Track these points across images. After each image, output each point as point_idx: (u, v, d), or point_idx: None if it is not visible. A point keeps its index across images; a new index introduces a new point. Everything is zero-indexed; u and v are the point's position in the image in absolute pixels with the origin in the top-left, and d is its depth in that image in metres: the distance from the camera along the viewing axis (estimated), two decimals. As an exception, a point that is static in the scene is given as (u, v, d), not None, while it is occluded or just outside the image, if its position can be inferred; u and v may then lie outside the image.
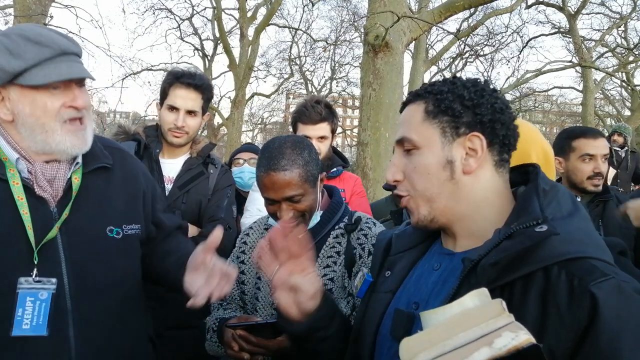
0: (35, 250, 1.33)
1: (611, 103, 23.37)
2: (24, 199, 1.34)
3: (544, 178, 1.02)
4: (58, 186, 1.41)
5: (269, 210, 1.63)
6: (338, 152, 2.85)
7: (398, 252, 1.19)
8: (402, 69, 5.99)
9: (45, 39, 1.32)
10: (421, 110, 1.05)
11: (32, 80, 1.29)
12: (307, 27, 20.99)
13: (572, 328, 0.81)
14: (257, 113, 27.00)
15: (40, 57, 1.30)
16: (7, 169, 1.35)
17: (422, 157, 1.03)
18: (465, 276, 0.94)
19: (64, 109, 1.36)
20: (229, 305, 1.78)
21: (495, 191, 1.03)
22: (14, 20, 6.84)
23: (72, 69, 1.35)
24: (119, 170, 1.56)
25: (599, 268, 0.85)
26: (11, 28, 1.37)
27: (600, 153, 2.42)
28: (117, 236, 1.48)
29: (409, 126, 1.06)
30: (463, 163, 1.01)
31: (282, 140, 1.62)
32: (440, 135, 1.02)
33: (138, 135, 2.42)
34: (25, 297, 1.31)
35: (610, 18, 18.25)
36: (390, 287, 1.14)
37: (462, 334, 0.74)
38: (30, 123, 1.34)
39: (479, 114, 1.01)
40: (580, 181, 2.44)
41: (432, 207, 1.04)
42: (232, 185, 2.51)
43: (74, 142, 1.39)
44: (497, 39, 19.22)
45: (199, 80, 2.37)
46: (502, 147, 1.03)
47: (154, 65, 17.84)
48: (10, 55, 1.28)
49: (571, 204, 0.98)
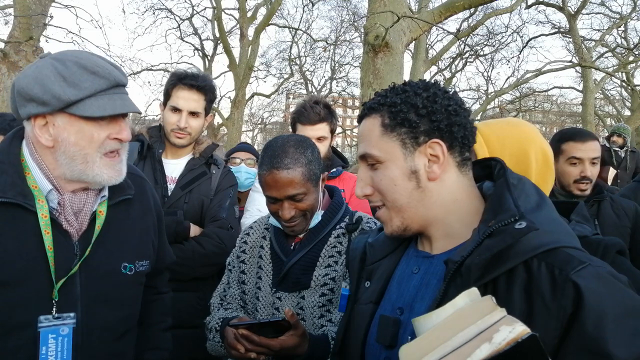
0: (56, 287, 1.32)
1: (611, 103, 23.37)
2: (50, 234, 1.31)
3: (511, 172, 1.05)
4: (83, 219, 1.38)
5: (271, 209, 1.64)
6: (338, 153, 2.86)
7: (374, 261, 1.20)
8: (402, 69, 5.99)
9: (101, 70, 1.29)
10: (378, 125, 1.07)
11: (86, 111, 1.26)
12: (307, 27, 21.01)
13: (558, 317, 0.85)
14: (257, 113, 27.02)
15: (96, 88, 1.28)
16: (36, 199, 1.31)
17: (387, 171, 1.05)
18: (451, 278, 0.95)
19: (108, 141, 1.34)
20: (230, 305, 1.79)
21: (463, 191, 1.06)
22: (14, 20, 6.85)
23: (125, 103, 1.33)
24: (137, 202, 1.54)
25: (575, 257, 0.89)
26: (65, 53, 1.33)
27: (588, 157, 2.39)
28: (130, 272, 1.47)
29: (369, 142, 1.08)
30: (427, 170, 1.04)
31: (285, 139, 1.62)
32: (400, 148, 1.04)
33: (142, 135, 2.44)
34: (47, 335, 1.31)
35: (610, 18, 18.26)
36: (371, 297, 1.16)
37: (460, 334, 0.76)
38: (72, 152, 1.30)
39: (435, 120, 1.03)
40: (567, 184, 2.42)
41: (403, 217, 1.06)
42: (235, 185, 2.52)
43: (111, 174, 1.36)
44: (497, 39, 19.25)
45: (201, 81, 2.38)
46: (463, 147, 1.06)
47: (154, 65, 17.89)
48: (65, 82, 1.25)
49: (537, 195, 1.01)
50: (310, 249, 1.66)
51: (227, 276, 1.85)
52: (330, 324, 1.60)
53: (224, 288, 1.84)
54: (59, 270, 1.32)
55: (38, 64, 1.30)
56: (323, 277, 1.63)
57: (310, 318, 1.61)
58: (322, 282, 1.62)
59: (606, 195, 2.49)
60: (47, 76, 1.25)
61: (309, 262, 1.65)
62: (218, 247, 2.27)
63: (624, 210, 2.45)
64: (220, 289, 1.85)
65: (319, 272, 1.63)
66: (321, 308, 1.61)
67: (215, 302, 1.83)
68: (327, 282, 1.62)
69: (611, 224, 2.39)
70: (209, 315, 1.80)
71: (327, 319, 1.61)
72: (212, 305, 1.83)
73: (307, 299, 1.63)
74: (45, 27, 7.33)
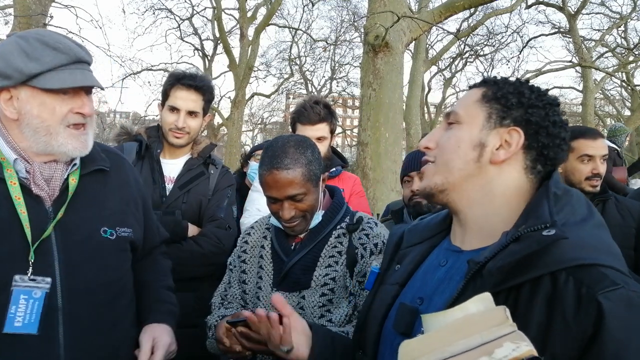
0: (32, 248, 1.34)
1: (611, 103, 23.39)
2: (22, 199, 1.36)
3: (557, 182, 1.01)
4: (55, 185, 1.43)
5: (271, 209, 1.63)
6: (337, 152, 2.85)
7: (408, 245, 1.19)
8: (402, 69, 5.99)
9: (62, 46, 1.36)
10: (480, 93, 1.07)
11: (46, 83, 1.33)
12: (307, 27, 21.02)
13: (577, 337, 0.80)
14: (257, 113, 27.06)
15: (57, 62, 1.34)
16: (4, 169, 1.37)
17: (459, 132, 1.04)
18: (471, 278, 0.93)
19: (71, 114, 1.40)
20: (230, 305, 1.79)
21: (515, 192, 1.02)
22: (14, 20, 6.84)
23: (86, 77, 1.39)
24: (115, 174, 1.59)
25: (609, 277, 0.83)
26: (28, 32, 1.40)
27: (599, 154, 2.42)
28: (111, 237, 1.50)
29: (461, 103, 1.09)
30: (493, 152, 1.01)
31: (285, 139, 1.62)
32: (484, 118, 1.03)
33: (140, 135, 2.44)
34: (19, 295, 1.32)
35: (610, 18, 18.27)
36: (397, 279, 1.14)
37: (462, 341, 0.73)
38: (36, 124, 1.37)
39: (530, 113, 1.01)
40: (579, 182, 2.43)
41: (447, 178, 1.04)
42: (233, 185, 2.51)
43: (75, 145, 1.42)
44: (497, 39, 19.27)
45: (200, 81, 2.38)
46: (539, 156, 1.02)
47: (154, 65, 17.92)
48: (27, 57, 1.32)
49: (586, 209, 0.97)
50: (311, 249, 1.66)
51: (227, 276, 1.85)
52: (330, 324, 1.59)
53: (224, 287, 1.84)
54: (35, 232, 1.36)
55: (3, 42, 1.39)
56: (323, 277, 1.62)
57: (310, 318, 1.60)
58: (323, 282, 1.62)
59: (611, 195, 2.48)
60: (11, 52, 1.33)
61: (309, 262, 1.65)
62: (216, 247, 2.27)
63: (629, 211, 2.44)
64: (221, 289, 1.85)
65: (319, 272, 1.63)
66: (321, 308, 1.61)
67: (216, 302, 1.83)
68: (327, 282, 1.62)
69: (615, 225, 2.37)
70: (208, 314, 1.80)
71: (327, 319, 1.60)
72: (213, 304, 1.83)
73: (307, 299, 1.62)
74: (45, 27, 7.31)
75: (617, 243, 1.05)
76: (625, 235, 2.33)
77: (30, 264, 1.34)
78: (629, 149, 16.65)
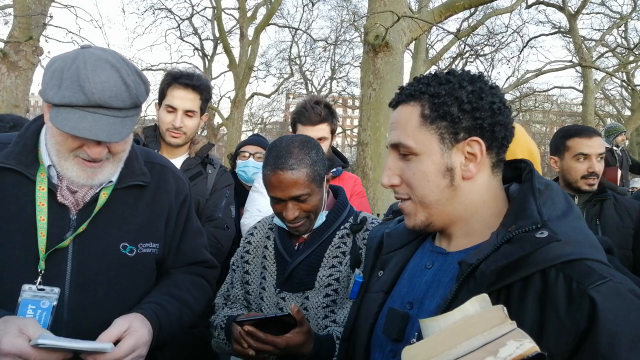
0: (42, 258, 1.32)
1: (611, 103, 23.37)
2: (45, 206, 1.34)
3: (539, 177, 1.01)
4: (84, 196, 1.39)
5: (275, 209, 1.63)
6: (338, 152, 2.85)
7: (389, 251, 1.18)
8: (402, 69, 5.99)
9: (89, 85, 1.24)
10: (417, 114, 1.01)
11: (53, 118, 1.27)
12: (307, 27, 21.05)
13: (571, 331, 0.81)
14: (257, 113, 27.06)
15: (73, 100, 1.24)
16: (39, 171, 1.37)
17: (421, 165, 1.01)
18: (464, 280, 0.93)
19: (81, 150, 1.32)
20: (234, 305, 1.78)
21: (491, 193, 1.03)
22: (14, 20, 6.84)
23: (92, 127, 1.26)
24: (153, 188, 1.51)
25: (596, 270, 0.85)
26: (92, 51, 1.31)
27: (595, 152, 2.41)
28: (130, 254, 1.44)
29: (404, 131, 1.02)
30: (463, 169, 1.00)
31: (289, 139, 1.61)
32: (438, 142, 0.99)
33: (137, 135, 2.43)
34: (26, 305, 1.30)
35: (610, 18, 18.28)
36: (382, 287, 1.14)
37: (465, 343, 0.74)
38: (52, 143, 1.34)
39: (478, 118, 0.98)
40: (575, 180, 2.43)
41: (430, 213, 1.03)
42: (231, 185, 2.51)
43: (80, 174, 1.35)
44: (497, 39, 19.23)
45: (197, 80, 2.38)
46: (500, 148, 1.02)
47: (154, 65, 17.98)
48: (55, 81, 1.26)
49: (565, 202, 0.97)
50: (315, 249, 1.66)
51: (230, 276, 1.85)
52: (334, 324, 1.59)
53: (227, 288, 1.84)
54: (51, 240, 1.34)
55: (69, 53, 1.32)
56: (327, 277, 1.62)
57: (314, 319, 1.61)
58: (326, 282, 1.62)
59: (609, 195, 2.47)
60: (56, 69, 1.28)
61: (313, 262, 1.65)
62: (214, 247, 2.26)
63: (627, 211, 2.42)
64: (224, 289, 1.85)
65: (323, 273, 1.62)
66: (325, 309, 1.61)
67: (220, 302, 1.83)
68: (331, 282, 1.61)
69: (613, 225, 2.37)
70: (209, 315, 1.79)
71: (331, 320, 1.60)
72: (217, 305, 1.83)
73: (311, 300, 1.62)
74: (45, 27, 7.32)
75: (614, 243, 1.05)
76: (623, 235, 2.31)
77: (40, 273, 1.32)
78: (629, 149, 16.63)
